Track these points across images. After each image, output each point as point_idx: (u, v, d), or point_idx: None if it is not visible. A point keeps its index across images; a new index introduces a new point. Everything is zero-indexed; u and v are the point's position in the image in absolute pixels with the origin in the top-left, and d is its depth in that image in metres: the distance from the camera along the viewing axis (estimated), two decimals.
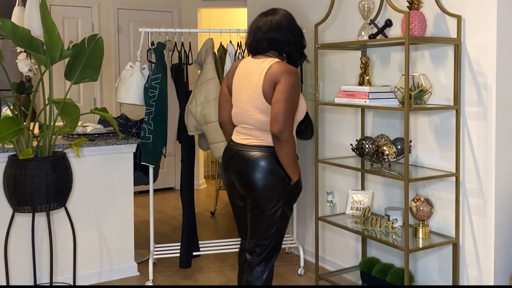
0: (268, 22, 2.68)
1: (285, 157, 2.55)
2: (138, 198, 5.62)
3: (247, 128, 2.65)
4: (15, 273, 3.44)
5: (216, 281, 3.78)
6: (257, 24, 2.71)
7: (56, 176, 3.08)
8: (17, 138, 3.06)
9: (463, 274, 3.00)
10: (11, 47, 4.72)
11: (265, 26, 2.67)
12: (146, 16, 6.43)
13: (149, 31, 3.73)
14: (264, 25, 2.68)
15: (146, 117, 3.61)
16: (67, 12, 6.00)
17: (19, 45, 3.05)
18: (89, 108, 4.09)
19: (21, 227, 3.46)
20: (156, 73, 3.60)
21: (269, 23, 2.67)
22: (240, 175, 2.63)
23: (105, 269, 3.79)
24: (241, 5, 6.11)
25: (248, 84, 2.63)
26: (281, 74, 2.53)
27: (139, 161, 4.03)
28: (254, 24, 2.74)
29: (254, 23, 2.75)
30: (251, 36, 2.72)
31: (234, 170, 2.67)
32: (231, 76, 2.76)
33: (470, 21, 2.88)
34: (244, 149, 2.63)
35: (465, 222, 2.98)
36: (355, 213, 3.45)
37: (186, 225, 3.81)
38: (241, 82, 2.67)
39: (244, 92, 2.65)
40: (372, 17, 3.31)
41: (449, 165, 3.03)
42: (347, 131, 3.73)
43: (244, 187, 2.63)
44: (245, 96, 2.64)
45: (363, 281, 3.45)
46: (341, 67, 3.77)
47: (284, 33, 2.68)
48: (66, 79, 3.24)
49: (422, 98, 2.92)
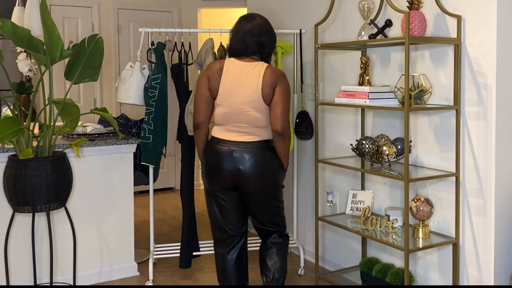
0: (258, 26, 2.89)
1: (284, 149, 2.90)
2: (138, 198, 5.62)
3: (241, 126, 2.84)
4: (15, 273, 3.44)
5: (216, 281, 3.77)
6: (247, 28, 2.88)
7: (56, 176, 3.08)
8: (17, 138, 3.06)
9: (463, 274, 3.00)
10: (11, 47, 4.72)
11: (256, 30, 2.88)
12: (146, 16, 6.43)
13: (149, 31, 3.73)
14: (255, 29, 2.88)
15: (146, 117, 3.61)
16: (67, 12, 6.00)
17: (19, 45, 3.05)
18: (89, 108, 4.09)
19: (21, 227, 3.46)
20: (156, 73, 3.60)
21: (259, 27, 2.90)
22: (247, 170, 2.82)
23: (105, 269, 3.79)
24: (241, 5, 6.12)
25: (243, 85, 2.81)
26: (278, 77, 2.82)
27: (139, 161, 4.03)
28: (242, 28, 2.89)
29: (242, 27, 2.90)
30: (240, 39, 2.88)
31: (232, 167, 2.82)
32: (217, 77, 2.84)
33: (470, 21, 2.88)
34: (246, 146, 2.83)
35: (465, 222, 2.98)
36: (355, 213, 3.45)
37: (186, 225, 3.81)
38: (235, 83, 2.83)
39: (240, 93, 2.81)
40: (372, 17, 3.31)
41: (449, 165, 3.03)
42: (347, 131, 3.73)
43: (259, 179, 2.85)
44: (242, 97, 2.81)
45: (363, 281, 3.45)
46: (341, 67, 3.77)
47: (268, 37, 2.93)
48: (66, 79, 3.24)
49: (422, 98, 2.92)
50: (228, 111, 2.83)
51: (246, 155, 2.81)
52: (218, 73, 2.85)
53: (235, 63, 2.87)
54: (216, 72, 2.85)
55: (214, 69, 2.86)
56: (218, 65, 2.88)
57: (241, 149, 2.82)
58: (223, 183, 2.89)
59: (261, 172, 2.85)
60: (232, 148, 2.83)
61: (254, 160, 2.82)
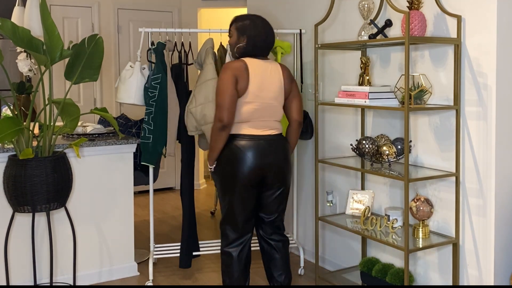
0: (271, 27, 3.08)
1: (297, 138, 3.18)
2: (138, 198, 5.63)
3: (266, 121, 2.97)
4: (15, 273, 3.44)
5: (216, 281, 3.77)
6: (269, 27, 3.05)
7: (56, 176, 3.08)
8: (17, 138, 3.06)
9: (463, 274, 3.00)
10: (11, 47, 4.72)
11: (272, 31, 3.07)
12: (146, 16, 6.43)
13: (149, 31, 3.73)
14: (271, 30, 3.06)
15: (146, 117, 3.61)
16: (67, 12, 6.00)
17: (19, 45, 3.05)
18: (89, 108, 4.09)
19: (21, 227, 3.46)
20: (156, 73, 3.60)
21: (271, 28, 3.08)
22: (280, 162, 2.99)
23: (105, 269, 3.79)
24: (241, 5, 6.12)
25: (270, 82, 2.97)
26: (290, 73, 3.10)
27: (139, 161, 4.03)
28: (264, 27, 3.02)
29: (264, 26, 3.02)
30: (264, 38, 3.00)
31: (272, 160, 2.96)
32: (245, 76, 2.90)
33: (470, 21, 2.88)
34: (275, 138, 2.99)
35: (465, 222, 2.98)
36: (355, 213, 3.45)
37: (186, 225, 3.81)
38: (263, 80, 2.95)
39: (269, 89, 2.97)
40: (372, 17, 3.31)
41: (449, 165, 3.03)
42: (347, 131, 3.73)
43: (284, 171, 3.01)
44: (271, 92, 2.98)
45: (363, 281, 3.45)
46: (341, 67, 3.77)
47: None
48: (66, 79, 3.24)
49: (422, 98, 2.92)
50: (258, 107, 2.93)
51: (276, 147, 2.97)
52: (246, 72, 2.90)
53: (256, 62, 2.97)
54: (244, 71, 2.90)
55: (241, 69, 2.90)
56: (242, 64, 2.93)
57: (271, 142, 2.96)
58: (255, 178, 2.94)
59: (287, 162, 3.04)
60: (266, 141, 2.94)
61: (282, 151, 3.00)
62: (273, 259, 3.13)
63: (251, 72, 2.92)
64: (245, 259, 3.05)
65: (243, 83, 2.89)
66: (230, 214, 3.00)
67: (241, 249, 3.04)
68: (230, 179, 2.95)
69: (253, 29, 2.99)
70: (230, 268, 3.03)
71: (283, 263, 3.14)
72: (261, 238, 3.16)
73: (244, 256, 3.05)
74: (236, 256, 3.02)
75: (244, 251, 3.05)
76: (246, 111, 2.92)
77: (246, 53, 3.00)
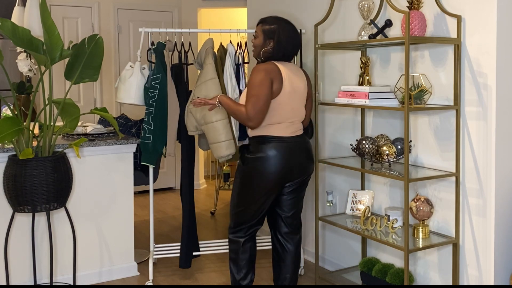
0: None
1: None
2: (138, 198, 5.63)
3: (293, 122, 3.04)
4: (15, 273, 3.44)
5: (216, 281, 3.78)
6: (296, 32, 3.09)
7: (56, 176, 3.08)
8: (17, 138, 3.06)
9: (463, 274, 3.00)
10: (11, 47, 4.72)
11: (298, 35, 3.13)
12: (146, 16, 6.43)
13: (149, 31, 3.73)
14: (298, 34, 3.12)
15: (146, 117, 3.61)
16: (67, 12, 6.00)
17: (19, 45, 3.05)
18: (89, 108, 4.09)
19: (21, 227, 3.46)
20: (156, 73, 3.60)
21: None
22: (307, 161, 3.08)
23: (105, 269, 3.79)
24: (241, 5, 6.12)
25: (298, 84, 3.05)
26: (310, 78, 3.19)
27: (139, 161, 4.03)
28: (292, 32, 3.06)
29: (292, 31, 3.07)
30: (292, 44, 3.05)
31: (301, 159, 3.03)
32: (280, 79, 2.94)
33: (470, 21, 2.88)
34: (301, 139, 3.08)
35: (465, 222, 2.98)
36: (355, 213, 3.45)
37: (186, 225, 3.81)
38: (294, 84, 3.01)
39: (298, 91, 3.05)
40: (372, 17, 3.31)
41: (449, 165, 3.03)
42: (347, 131, 3.73)
43: (308, 170, 3.10)
44: (299, 94, 3.06)
45: (363, 281, 3.45)
46: (341, 67, 3.77)
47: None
48: (66, 79, 3.24)
49: (422, 98, 2.92)
50: (290, 109, 3.00)
51: (305, 147, 3.08)
52: (280, 75, 2.94)
53: (284, 64, 3.02)
54: (278, 74, 2.94)
55: (276, 71, 2.94)
56: (275, 67, 2.96)
57: (301, 142, 3.06)
58: (284, 177, 3.00)
59: (311, 160, 3.15)
60: (295, 142, 3.02)
61: (310, 150, 3.12)
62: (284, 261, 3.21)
63: (284, 75, 2.97)
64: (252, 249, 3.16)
65: (278, 86, 2.93)
66: (246, 208, 3.08)
67: (249, 239, 3.15)
68: (258, 179, 2.98)
69: (281, 34, 3.00)
70: (237, 255, 3.15)
71: (294, 267, 3.22)
72: (276, 239, 3.22)
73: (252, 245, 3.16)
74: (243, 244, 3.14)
75: (252, 240, 3.17)
76: (278, 113, 2.96)
77: (272, 57, 3.02)
